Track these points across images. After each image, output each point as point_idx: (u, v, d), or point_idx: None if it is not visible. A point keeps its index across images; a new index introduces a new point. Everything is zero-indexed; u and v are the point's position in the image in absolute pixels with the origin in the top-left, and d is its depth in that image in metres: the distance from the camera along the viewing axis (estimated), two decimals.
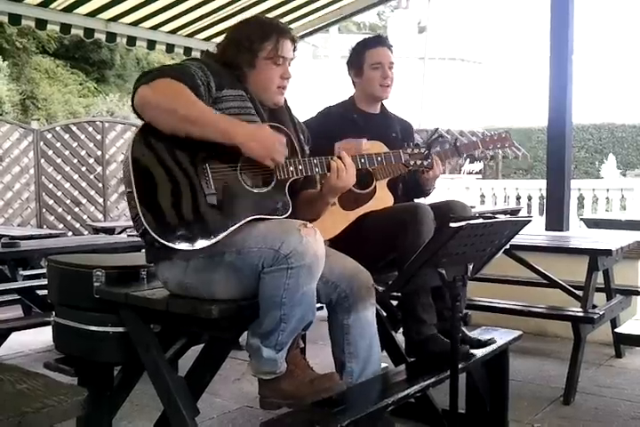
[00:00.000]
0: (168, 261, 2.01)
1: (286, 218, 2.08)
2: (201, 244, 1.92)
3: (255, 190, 2.05)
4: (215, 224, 1.95)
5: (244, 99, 2.10)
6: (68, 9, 4.63)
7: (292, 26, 5.44)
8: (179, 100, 1.91)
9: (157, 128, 1.93)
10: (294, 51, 2.22)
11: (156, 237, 1.89)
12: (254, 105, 2.13)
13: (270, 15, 5.06)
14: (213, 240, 1.93)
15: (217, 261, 1.97)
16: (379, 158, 2.25)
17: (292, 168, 2.09)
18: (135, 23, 5.05)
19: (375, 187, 2.73)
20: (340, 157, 2.12)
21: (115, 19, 4.92)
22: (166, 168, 1.95)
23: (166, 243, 1.90)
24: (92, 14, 4.77)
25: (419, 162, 2.35)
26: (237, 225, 1.97)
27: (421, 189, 2.80)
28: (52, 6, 4.56)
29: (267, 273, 1.90)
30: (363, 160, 2.21)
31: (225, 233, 1.95)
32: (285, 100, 2.28)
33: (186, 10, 4.88)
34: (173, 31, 5.32)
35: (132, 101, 1.96)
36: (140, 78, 1.97)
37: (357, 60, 2.88)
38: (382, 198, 2.73)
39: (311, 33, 5.85)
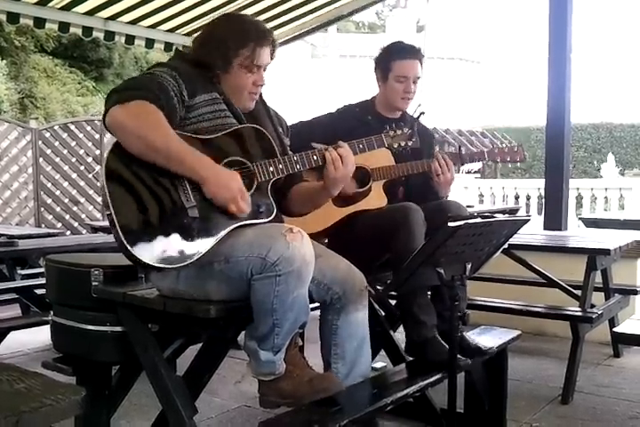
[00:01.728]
0: (158, 272, 2.00)
1: (272, 219, 2.06)
2: (189, 258, 1.90)
3: None
4: (200, 236, 1.92)
5: (219, 101, 2.07)
6: (67, 7, 4.62)
7: (290, 25, 5.45)
8: (151, 128, 1.87)
9: (127, 150, 1.89)
10: (273, 55, 2.17)
11: (143, 260, 1.87)
12: (229, 107, 2.10)
13: (268, 14, 5.05)
14: (200, 254, 1.91)
15: (207, 271, 1.96)
16: (360, 146, 2.18)
17: (272, 168, 2.06)
18: (134, 22, 5.04)
19: (370, 187, 2.72)
20: (335, 148, 2.08)
21: (113, 17, 4.91)
22: (143, 187, 1.91)
23: (153, 264, 1.88)
24: (91, 13, 4.76)
25: (402, 143, 2.25)
26: (222, 235, 1.95)
27: (436, 195, 2.75)
28: (50, 5, 4.55)
29: (256, 280, 1.88)
30: None
31: (211, 244, 1.93)
32: (260, 93, 2.23)
33: (184, 8, 4.87)
34: (172, 30, 5.31)
35: (104, 118, 1.90)
36: (112, 94, 1.91)
37: (384, 66, 2.80)
38: (375, 199, 2.71)
39: (310, 32, 5.82)
